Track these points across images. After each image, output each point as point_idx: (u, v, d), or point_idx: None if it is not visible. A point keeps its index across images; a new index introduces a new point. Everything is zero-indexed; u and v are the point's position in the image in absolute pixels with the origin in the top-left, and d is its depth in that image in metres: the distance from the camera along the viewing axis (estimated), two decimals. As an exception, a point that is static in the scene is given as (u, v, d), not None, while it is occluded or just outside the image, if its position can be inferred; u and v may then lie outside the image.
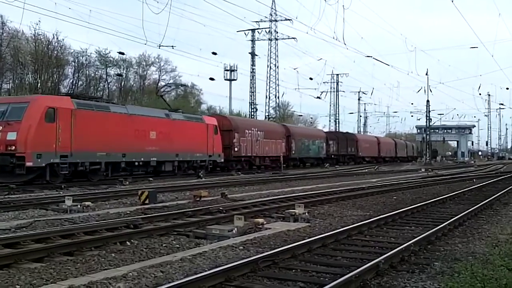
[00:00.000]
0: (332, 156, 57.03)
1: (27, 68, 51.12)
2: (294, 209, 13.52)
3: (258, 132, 41.61)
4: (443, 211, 15.21)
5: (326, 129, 75.72)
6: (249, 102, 63.67)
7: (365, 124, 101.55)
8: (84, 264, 8.27)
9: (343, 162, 59.20)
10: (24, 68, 50.53)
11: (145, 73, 66.89)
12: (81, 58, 56.45)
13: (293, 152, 46.88)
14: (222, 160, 35.57)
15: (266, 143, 42.58)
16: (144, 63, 65.87)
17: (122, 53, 47.37)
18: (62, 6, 46.93)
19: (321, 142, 54.32)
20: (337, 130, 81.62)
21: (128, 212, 14.19)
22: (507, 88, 76.66)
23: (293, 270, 7.79)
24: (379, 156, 70.54)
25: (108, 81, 61.76)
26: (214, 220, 12.79)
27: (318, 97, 69.54)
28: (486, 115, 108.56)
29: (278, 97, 65.84)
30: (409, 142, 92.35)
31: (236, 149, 37.79)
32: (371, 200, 18.71)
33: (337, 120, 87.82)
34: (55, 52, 52.46)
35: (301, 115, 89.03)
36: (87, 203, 14.91)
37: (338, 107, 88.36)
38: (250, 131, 40.40)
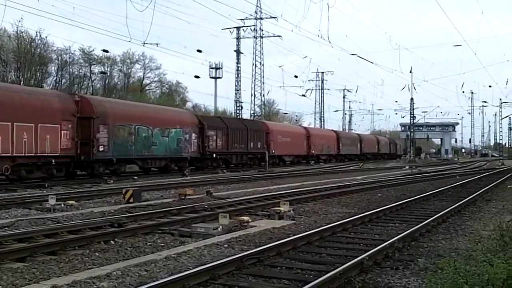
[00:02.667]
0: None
1: (9, 66, 50.52)
2: (279, 206, 13.54)
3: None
4: (427, 208, 15.34)
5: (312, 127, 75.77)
6: (234, 100, 63.57)
7: (350, 122, 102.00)
8: (67, 264, 8.20)
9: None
10: (6, 66, 49.93)
11: (129, 71, 66.46)
12: (64, 55, 55.94)
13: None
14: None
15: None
16: (129, 61, 65.43)
17: (106, 51, 46.98)
18: (45, 3, 46.90)
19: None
20: (322, 127, 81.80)
21: (112, 211, 14.10)
22: (490, 86, 77.61)
23: (278, 268, 7.80)
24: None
25: (92, 79, 61.28)
26: (199, 218, 12.76)
27: (303, 95, 69.80)
28: (469, 113, 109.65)
29: (264, 95, 65.72)
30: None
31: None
32: (356, 198, 18.81)
33: (322, 118, 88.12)
34: (38, 49, 51.89)
35: (287, 113, 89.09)
36: (70, 202, 14.81)
37: (323, 104, 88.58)
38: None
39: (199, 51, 44.81)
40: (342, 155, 62.91)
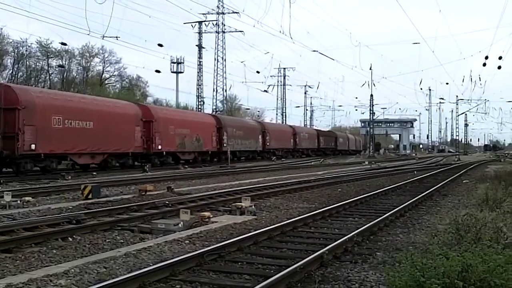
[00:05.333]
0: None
1: (-38, 59, 48.97)
2: (240, 202, 13.55)
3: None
4: (386, 203, 15.61)
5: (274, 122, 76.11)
6: (196, 95, 63.24)
7: (311, 118, 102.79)
8: (23, 261, 8.02)
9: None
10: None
11: (88, 64, 65.19)
12: (21, 48, 54.53)
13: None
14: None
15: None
16: (88, 54, 64.19)
17: (64, 44, 45.99)
18: (0, -6, 45.06)
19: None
20: (284, 123, 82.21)
21: (70, 207, 13.84)
22: (447, 83, 79.84)
23: (239, 263, 7.81)
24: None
25: (50, 72, 59.91)
26: (159, 215, 12.65)
27: (265, 91, 69.84)
28: (427, 109, 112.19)
29: (226, 90, 65.59)
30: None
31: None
32: (317, 193, 18.99)
33: (284, 114, 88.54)
34: (-7, 42, 50.46)
35: (249, 109, 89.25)
36: (27, 198, 14.49)
37: (285, 100, 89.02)
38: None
39: (160, 45, 44.30)
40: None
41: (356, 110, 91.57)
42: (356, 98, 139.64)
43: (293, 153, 60.18)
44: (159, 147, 33.38)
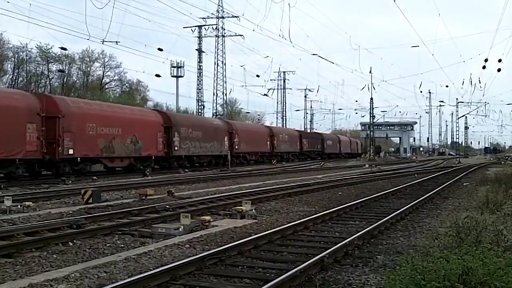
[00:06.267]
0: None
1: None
2: (241, 206, 13.55)
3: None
4: (386, 206, 15.60)
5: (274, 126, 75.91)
6: (196, 99, 63.27)
7: (311, 121, 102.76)
8: (24, 266, 8.02)
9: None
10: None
11: (88, 69, 65.24)
12: (21, 53, 54.59)
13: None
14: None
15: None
16: (88, 59, 64.25)
17: (64, 49, 46.02)
18: (0, -1, 45.20)
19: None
20: (284, 126, 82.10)
21: (70, 212, 13.84)
22: (447, 86, 79.53)
23: (240, 267, 7.81)
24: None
25: (50, 77, 59.96)
26: (160, 219, 12.65)
27: (265, 94, 69.86)
28: (427, 112, 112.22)
29: (226, 94, 65.62)
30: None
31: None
32: (317, 196, 18.98)
33: (284, 117, 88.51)
34: (-6, 47, 50.56)
35: (249, 112, 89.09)
36: (27, 203, 14.46)
37: (285, 104, 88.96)
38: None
39: (160, 49, 44.48)
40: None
41: (356, 113, 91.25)
42: (356, 101, 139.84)
43: (270, 158, 52.24)
44: (70, 151, 25.55)
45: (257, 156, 49.95)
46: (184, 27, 65.66)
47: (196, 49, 62.69)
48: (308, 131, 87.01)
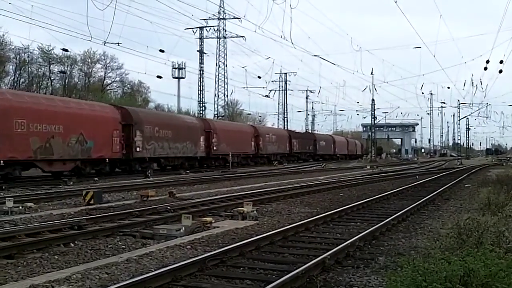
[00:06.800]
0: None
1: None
2: (242, 207, 13.54)
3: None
4: (387, 207, 15.59)
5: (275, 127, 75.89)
6: (198, 101, 63.25)
7: (312, 123, 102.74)
8: (25, 267, 8.02)
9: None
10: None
11: (90, 70, 65.38)
12: (23, 54, 54.73)
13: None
14: None
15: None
16: (89, 60, 64.38)
17: (66, 50, 46.02)
18: (2, 1, 45.42)
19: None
20: (285, 128, 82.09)
21: (72, 213, 13.85)
22: (448, 87, 79.89)
23: (241, 268, 7.80)
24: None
25: (52, 78, 60.05)
26: (161, 220, 12.64)
27: (267, 96, 69.77)
28: (428, 114, 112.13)
29: (227, 96, 65.64)
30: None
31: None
32: (319, 197, 18.98)
33: (285, 119, 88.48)
34: (-5, 48, 50.63)
35: (250, 114, 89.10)
36: (29, 204, 14.48)
37: (287, 105, 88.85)
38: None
39: (161, 51, 44.39)
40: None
41: (358, 114, 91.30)
42: (358, 102, 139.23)
43: (255, 160, 48.84)
44: None
45: (239, 158, 45.12)
46: (185, 29, 65.64)
47: (197, 51, 62.74)
48: (310, 132, 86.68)
